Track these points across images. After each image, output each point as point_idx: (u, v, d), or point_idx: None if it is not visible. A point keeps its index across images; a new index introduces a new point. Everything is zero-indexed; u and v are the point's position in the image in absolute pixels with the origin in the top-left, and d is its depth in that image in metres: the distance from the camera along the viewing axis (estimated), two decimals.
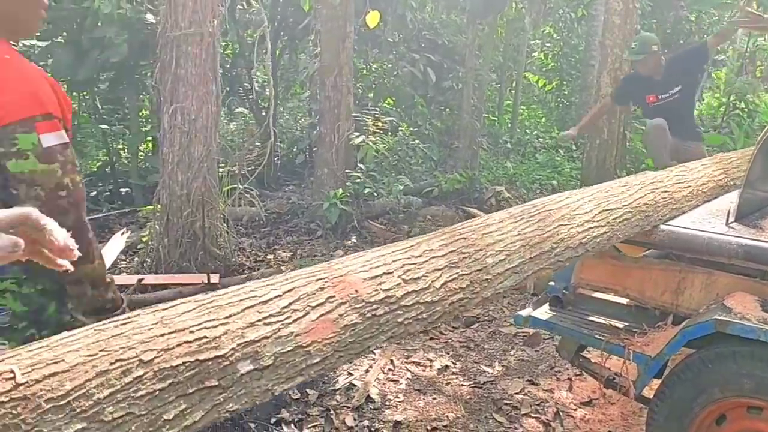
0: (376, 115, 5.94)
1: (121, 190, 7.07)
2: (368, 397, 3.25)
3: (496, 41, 8.78)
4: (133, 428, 1.07)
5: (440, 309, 1.62)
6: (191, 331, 1.22)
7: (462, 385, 3.44)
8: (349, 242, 5.46)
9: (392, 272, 1.59)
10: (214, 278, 4.07)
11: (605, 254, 2.67)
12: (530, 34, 9.66)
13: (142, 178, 6.85)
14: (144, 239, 4.70)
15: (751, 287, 2.40)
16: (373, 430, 2.97)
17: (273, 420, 3.03)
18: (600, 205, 2.33)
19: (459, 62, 8.04)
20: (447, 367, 3.63)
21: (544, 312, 2.85)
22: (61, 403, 1.02)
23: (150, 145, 7.29)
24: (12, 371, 1.00)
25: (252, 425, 2.97)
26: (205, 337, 1.22)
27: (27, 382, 1.01)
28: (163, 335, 1.19)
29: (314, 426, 3.00)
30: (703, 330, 2.24)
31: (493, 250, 1.84)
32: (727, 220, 2.59)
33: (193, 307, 1.30)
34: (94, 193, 6.98)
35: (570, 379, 3.50)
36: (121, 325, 1.20)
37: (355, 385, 3.36)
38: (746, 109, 10.33)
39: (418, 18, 7.95)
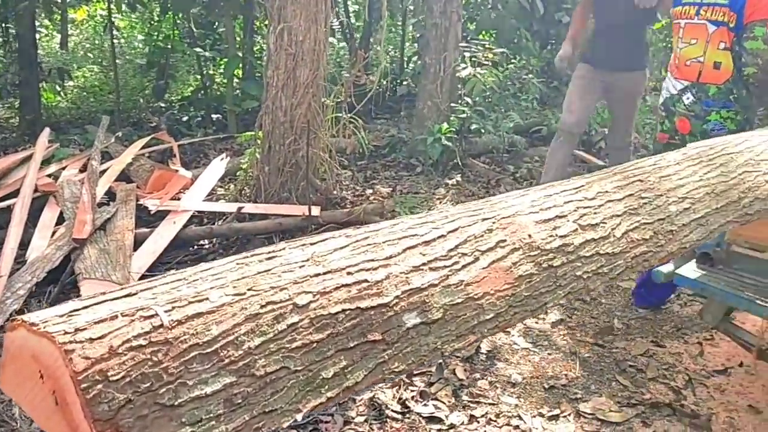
0: (487, 46, 5.54)
1: (212, 116, 7.00)
2: (479, 348, 3.04)
3: None
4: (288, 386, 0.88)
5: (622, 263, 1.35)
6: (349, 273, 1.01)
7: (579, 341, 3.18)
8: (452, 181, 5.19)
9: (566, 215, 1.34)
10: (315, 211, 3.92)
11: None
12: None
13: (237, 105, 6.75)
14: (243, 166, 4.58)
15: None
16: (486, 384, 2.77)
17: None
18: None
19: None
20: (562, 320, 3.37)
21: (690, 269, 2.53)
22: (208, 350, 0.83)
23: (241, 71, 7.16)
24: (154, 311, 0.81)
25: None
26: (366, 280, 1.01)
27: (167, 324, 0.82)
28: (317, 275, 0.98)
29: (423, 374, 2.82)
30: None
31: (675, 196, 1.55)
32: None
33: (346, 243, 1.09)
34: (186, 118, 6.95)
35: (700, 343, 3.18)
36: (267, 259, 1.00)
37: None
38: None
39: None
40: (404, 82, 7.40)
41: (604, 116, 7.12)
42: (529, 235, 1.25)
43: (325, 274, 0.99)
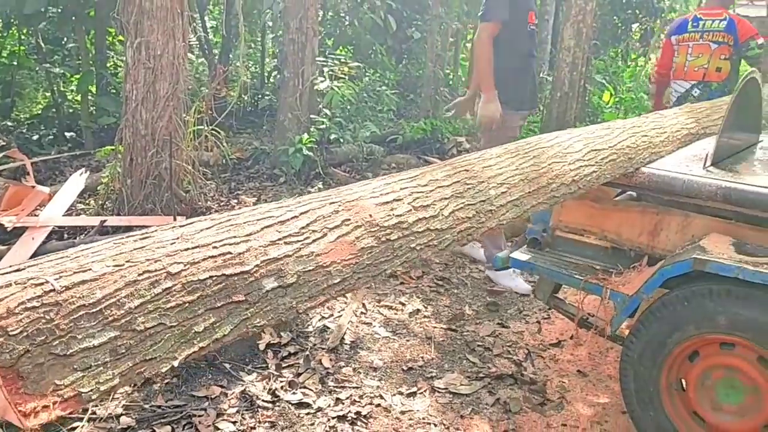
0: (343, 60, 5.82)
1: (65, 134, 6.77)
2: (342, 339, 3.26)
3: None
4: (165, 338, 1.04)
5: (449, 237, 1.61)
6: (214, 247, 1.19)
7: (434, 327, 3.48)
8: (314, 189, 5.41)
9: (402, 199, 1.58)
10: (181, 220, 3.97)
11: (583, 196, 2.71)
12: None
13: (92, 121, 6.58)
14: (104, 180, 4.54)
15: (726, 229, 2.48)
16: (350, 370, 2.99)
17: (248, 361, 3.01)
18: (588, 145, 2.36)
19: (419, 11, 7.94)
20: (418, 310, 3.66)
21: (522, 253, 2.89)
22: (94, 310, 0.98)
23: (95, 87, 6.98)
24: (45, 279, 0.95)
25: (227, 366, 2.94)
26: (229, 252, 1.19)
27: (57, 289, 0.96)
28: (187, 249, 1.15)
29: (290, 366, 2.99)
30: (681, 269, 2.31)
31: (495, 182, 1.85)
32: (705, 164, 2.66)
33: (210, 224, 1.26)
34: (37, 137, 6.67)
35: (538, 322, 3.59)
36: (141, 239, 1.16)
37: (328, 327, 3.36)
38: None
39: None
40: (266, 96, 7.54)
41: (457, 125, 7.65)
42: (370, 215, 1.47)
43: (194, 248, 1.16)
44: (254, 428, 2.53)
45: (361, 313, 3.59)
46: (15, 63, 7.37)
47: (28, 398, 0.88)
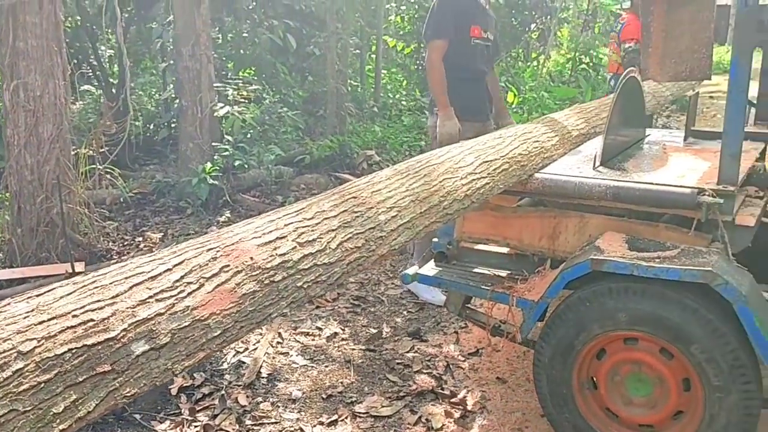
0: (240, 85, 5.72)
1: None
2: (259, 373, 3.17)
3: (356, 4, 8.70)
4: (18, 426, 0.95)
5: (338, 270, 1.58)
6: (74, 315, 1.11)
7: (353, 349, 3.44)
8: (222, 218, 5.27)
9: (286, 236, 1.53)
10: (79, 267, 3.79)
11: (484, 206, 2.74)
12: None
13: None
14: None
15: (620, 226, 2.56)
16: (268, 405, 2.90)
17: (160, 409, 2.88)
18: (480, 157, 2.37)
19: (318, 27, 7.92)
20: (336, 334, 3.61)
21: (430, 268, 2.89)
22: None
23: None
24: None
25: (137, 416, 2.81)
26: (92, 320, 1.11)
27: None
28: (41, 323, 1.07)
29: (206, 409, 2.88)
30: (580, 270, 2.36)
31: (384, 207, 1.82)
32: (594, 164, 2.73)
33: (72, 290, 1.18)
34: None
35: (456, 332, 3.60)
36: None
37: (244, 362, 3.26)
38: (591, 63, 11.03)
39: None
40: (170, 125, 7.33)
41: (366, 138, 7.66)
42: (252, 258, 1.42)
43: (50, 320, 1.08)
44: None
45: (278, 342, 3.51)
46: None
47: None
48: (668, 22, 3.06)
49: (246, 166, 5.48)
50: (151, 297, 1.22)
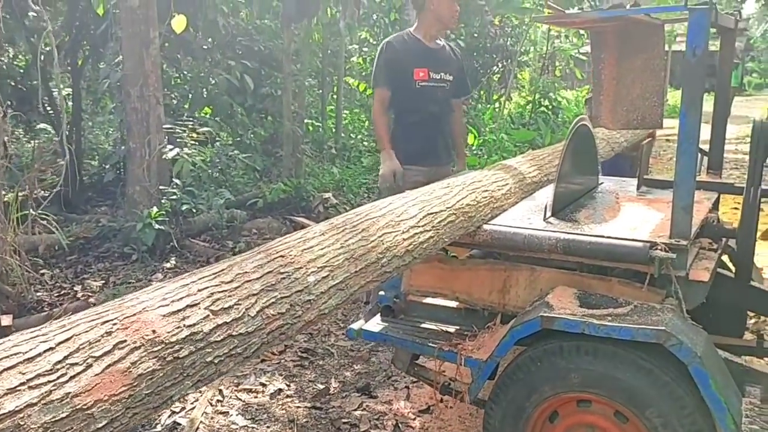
0: (191, 126, 5.56)
1: None
2: None
3: (313, 46, 8.67)
4: None
5: (257, 340, 1.42)
6: None
7: (298, 407, 3.25)
8: (169, 264, 5.06)
9: (198, 303, 1.38)
10: (6, 320, 3.55)
11: (433, 258, 2.61)
12: (347, 39, 9.66)
13: None
14: None
15: (572, 280, 2.45)
16: None
17: None
18: (424, 209, 2.26)
19: (277, 68, 7.84)
20: (281, 390, 3.41)
21: (375, 323, 2.74)
22: None
23: None
24: None
25: None
26: None
27: None
28: None
29: None
30: (530, 328, 2.24)
31: (315, 266, 1.68)
32: (545, 215, 2.64)
33: None
34: None
35: (407, 387, 3.43)
36: None
37: (180, 424, 3.05)
38: (550, 106, 11.17)
39: (231, 23, 7.62)
40: (117, 167, 7.11)
41: (324, 180, 7.54)
42: (154, 331, 1.26)
43: None
44: None
45: (218, 401, 3.30)
46: None
47: None
48: (619, 70, 3.01)
49: (194, 210, 5.29)
50: (23, 384, 1.05)
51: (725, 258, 3.03)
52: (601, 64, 3.03)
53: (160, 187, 5.28)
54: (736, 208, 3.01)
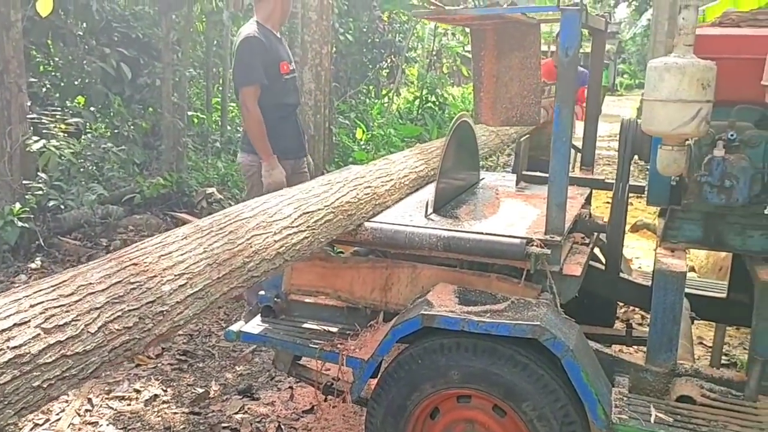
0: (59, 116, 5.17)
1: None
2: None
3: (195, 36, 8.32)
4: None
5: (97, 359, 1.28)
6: None
7: (175, 413, 3.08)
8: (34, 264, 4.69)
9: (28, 321, 1.23)
10: None
11: (314, 256, 2.52)
12: (232, 30, 9.33)
13: None
14: None
15: (452, 277, 2.44)
16: None
17: None
18: (300, 208, 2.16)
19: (156, 57, 7.45)
20: (157, 396, 3.23)
21: (255, 325, 2.62)
22: None
23: None
24: None
25: None
26: None
27: None
28: None
29: None
30: (411, 327, 2.21)
31: (171, 274, 1.55)
32: (426, 212, 2.61)
33: None
34: None
35: (291, 387, 3.34)
36: None
37: None
38: (437, 102, 11.32)
39: (106, 8, 7.17)
40: None
41: (208, 174, 7.25)
42: None
43: None
44: None
45: (86, 410, 3.08)
46: None
47: None
48: (498, 68, 3.04)
49: (63, 206, 4.93)
50: None
51: (597, 251, 3.12)
52: (482, 62, 3.04)
53: (24, 182, 4.88)
54: (608, 203, 3.11)
